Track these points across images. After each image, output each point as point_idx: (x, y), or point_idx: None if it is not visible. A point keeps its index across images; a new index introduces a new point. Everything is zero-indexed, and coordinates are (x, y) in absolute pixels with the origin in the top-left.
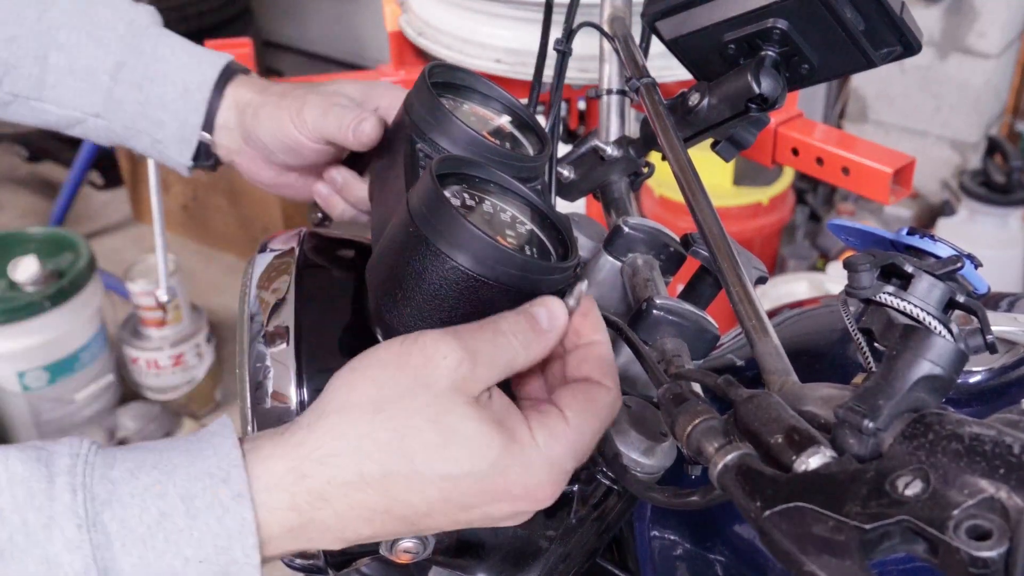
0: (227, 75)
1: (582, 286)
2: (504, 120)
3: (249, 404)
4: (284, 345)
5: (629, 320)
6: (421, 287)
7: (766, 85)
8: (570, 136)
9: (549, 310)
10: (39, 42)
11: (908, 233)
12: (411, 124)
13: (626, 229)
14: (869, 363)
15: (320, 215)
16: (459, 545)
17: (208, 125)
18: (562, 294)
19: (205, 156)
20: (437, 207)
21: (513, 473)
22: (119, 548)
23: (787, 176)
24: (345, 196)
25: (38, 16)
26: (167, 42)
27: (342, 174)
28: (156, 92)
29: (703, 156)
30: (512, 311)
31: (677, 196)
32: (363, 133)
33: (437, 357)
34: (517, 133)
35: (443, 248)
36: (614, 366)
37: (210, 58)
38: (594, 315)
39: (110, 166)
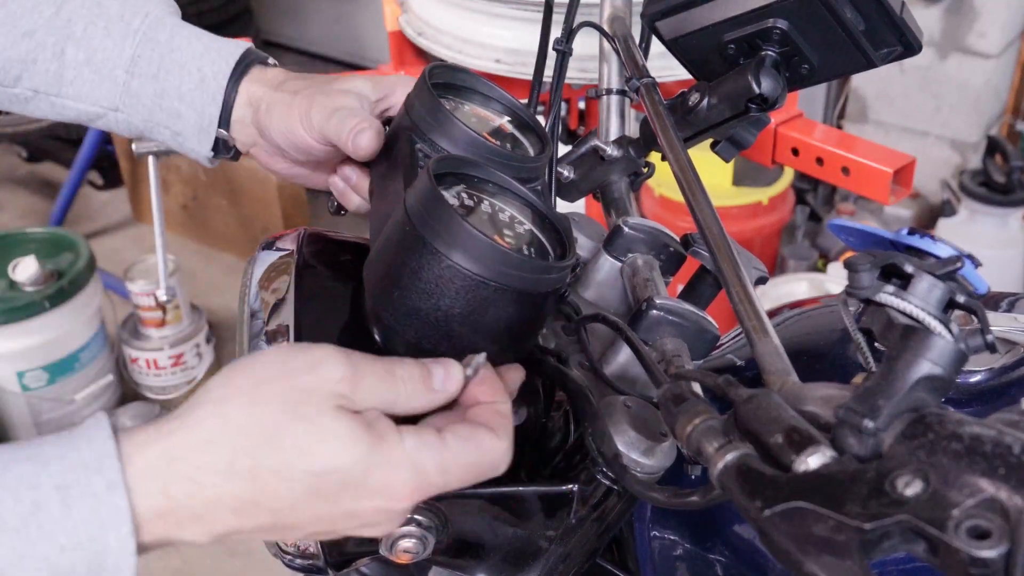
0: (244, 65)
1: (480, 358)
2: (504, 121)
3: None
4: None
5: (629, 320)
6: (417, 286)
7: (766, 85)
8: (570, 136)
9: (446, 372)
10: (56, 37)
11: (908, 233)
12: (411, 124)
13: (626, 229)
14: (869, 363)
15: (336, 203)
16: (459, 545)
17: (224, 120)
18: (561, 294)
19: (225, 149)
20: (434, 206)
21: (377, 470)
22: None
23: (787, 176)
24: (359, 192)
25: (55, 11)
26: (183, 33)
27: (355, 171)
28: (172, 83)
29: (703, 156)
30: (413, 361)
31: (677, 196)
32: (359, 145)
33: (321, 368)
34: (517, 134)
35: (440, 247)
36: (511, 422)
37: (228, 48)
38: (491, 383)
39: (110, 166)
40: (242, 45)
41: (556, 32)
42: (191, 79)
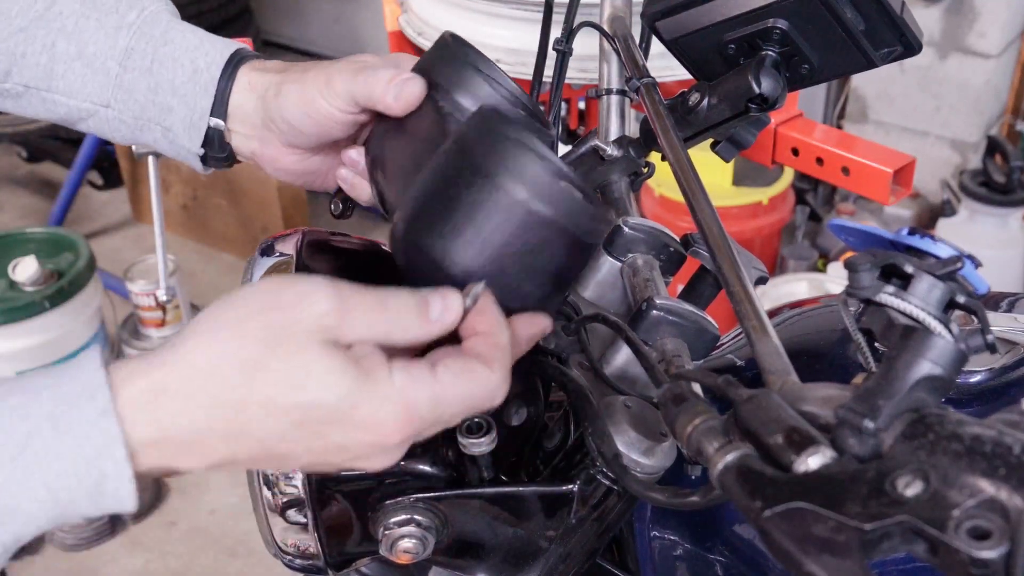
0: (238, 59)
1: (479, 287)
2: None
3: None
4: None
5: (629, 320)
6: (477, 220)
7: (766, 85)
8: (570, 136)
9: (444, 303)
10: (47, 30)
11: (908, 233)
12: (433, 83)
13: (626, 229)
14: (869, 363)
15: (340, 205)
16: (459, 545)
17: (221, 111)
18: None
19: (219, 147)
20: (503, 141)
21: (364, 406)
22: None
23: (787, 176)
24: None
25: (48, 5)
26: (178, 27)
27: (362, 153)
28: (166, 76)
29: (703, 156)
30: (408, 292)
31: (677, 196)
32: (406, 90)
33: (307, 301)
34: None
35: (508, 183)
36: (507, 355)
37: (223, 42)
38: (490, 313)
39: (110, 166)
40: (236, 44)
41: (556, 32)
42: (184, 71)
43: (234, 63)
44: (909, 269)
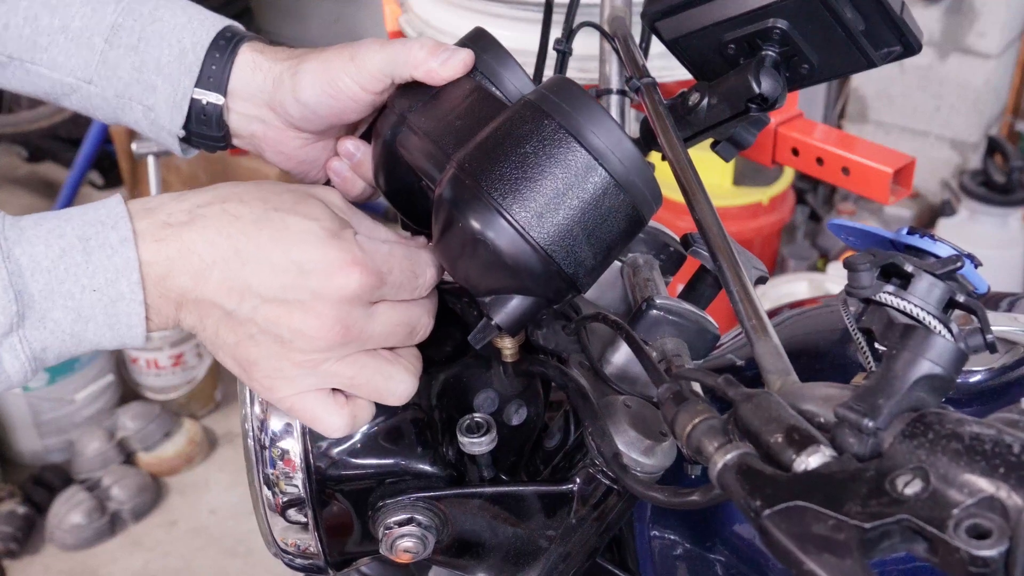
0: (237, 39)
1: None
2: None
3: (249, 403)
4: None
5: (629, 320)
6: (550, 174)
7: (766, 85)
8: None
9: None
10: (29, 1)
11: (908, 233)
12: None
13: None
14: (869, 363)
15: None
16: (459, 545)
17: (220, 89)
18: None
19: (216, 126)
20: (586, 105)
21: (332, 248)
22: (29, 276)
23: (787, 176)
24: (362, 173)
25: None
26: (167, 5)
27: (359, 146)
28: (152, 55)
29: (703, 156)
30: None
31: (677, 196)
32: (458, 61)
33: (320, 205)
34: None
35: (586, 144)
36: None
37: (210, 19)
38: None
39: (110, 166)
40: (225, 20)
41: (556, 32)
42: (171, 50)
43: (233, 42)
44: (909, 268)
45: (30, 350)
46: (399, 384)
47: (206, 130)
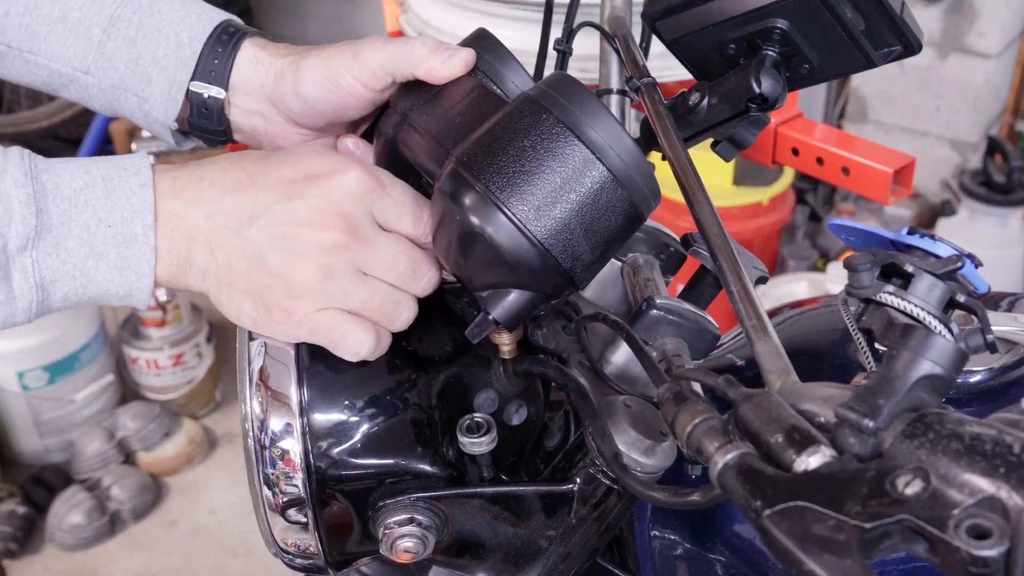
0: (239, 34)
1: None
2: None
3: (249, 403)
4: (284, 344)
5: (629, 320)
6: (549, 168)
7: (766, 85)
8: None
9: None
10: None
11: (908, 233)
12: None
13: None
14: (869, 363)
15: None
16: (459, 545)
17: (222, 82)
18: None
19: (217, 120)
20: (586, 101)
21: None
22: (51, 199)
23: (787, 176)
24: None
25: None
26: None
27: (359, 144)
28: (149, 47)
29: (703, 156)
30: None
31: (677, 196)
32: (459, 60)
33: (338, 175)
34: None
35: (585, 140)
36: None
37: (209, 13)
38: None
39: None
40: (226, 14)
41: (556, 32)
42: (168, 44)
43: (236, 36)
44: (909, 268)
45: (40, 276)
46: (406, 310)
47: (207, 124)
